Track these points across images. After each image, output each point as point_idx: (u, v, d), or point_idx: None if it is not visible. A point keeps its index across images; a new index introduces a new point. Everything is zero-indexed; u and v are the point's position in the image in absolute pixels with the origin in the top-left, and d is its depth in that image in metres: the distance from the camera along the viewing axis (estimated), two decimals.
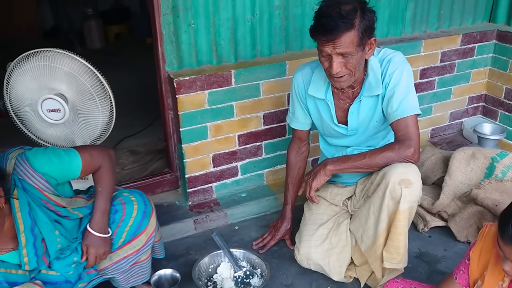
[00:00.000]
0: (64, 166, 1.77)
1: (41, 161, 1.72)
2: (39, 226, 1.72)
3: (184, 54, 2.47)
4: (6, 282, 1.67)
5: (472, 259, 1.59)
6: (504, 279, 1.50)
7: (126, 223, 1.93)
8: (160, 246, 2.24)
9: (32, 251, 1.71)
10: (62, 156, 1.78)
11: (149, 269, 2.13)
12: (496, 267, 1.50)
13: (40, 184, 1.72)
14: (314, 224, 2.24)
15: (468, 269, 1.60)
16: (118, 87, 2.41)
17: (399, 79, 1.96)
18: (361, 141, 2.17)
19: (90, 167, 1.85)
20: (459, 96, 3.37)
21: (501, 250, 1.37)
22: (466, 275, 1.61)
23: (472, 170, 2.64)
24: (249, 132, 2.69)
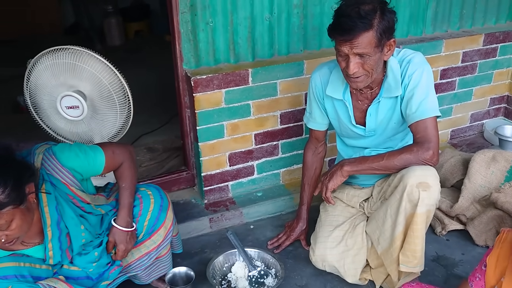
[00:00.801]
0: (89, 162, 1.80)
1: (68, 156, 1.75)
2: (65, 220, 1.75)
3: (202, 53, 2.47)
4: (31, 276, 1.70)
5: (489, 265, 1.56)
6: None
7: (144, 217, 1.95)
8: (178, 241, 2.26)
9: (57, 245, 1.74)
10: (88, 152, 1.81)
11: (170, 263, 2.16)
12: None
13: (67, 178, 1.76)
14: (330, 226, 2.22)
15: (485, 276, 1.57)
16: (137, 85, 2.43)
17: (418, 80, 1.93)
18: (379, 143, 2.14)
19: (113, 164, 1.88)
20: (481, 97, 3.31)
21: None
22: (482, 282, 1.58)
23: (492, 173, 2.59)
24: (265, 131, 2.68)
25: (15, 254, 1.71)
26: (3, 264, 1.66)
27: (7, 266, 1.66)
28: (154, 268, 2.11)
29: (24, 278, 1.67)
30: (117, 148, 1.91)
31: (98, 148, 1.85)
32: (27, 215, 1.60)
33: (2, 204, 1.49)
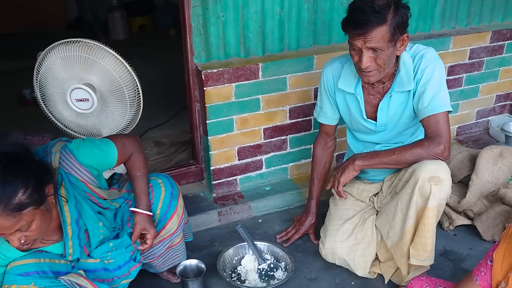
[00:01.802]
0: (104, 156, 1.83)
1: (84, 153, 1.77)
2: (84, 218, 1.76)
3: (212, 47, 2.48)
4: (51, 272, 1.72)
5: (496, 261, 1.57)
6: None
7: (156, 205, 1.97)
8: (188, 229, 2.28)
9: (77, 242, 1.75)
10: (101, 147, 1.83)
11: (183, 251, 2.18)
12: None
13: (85, 176, 1.77)
14: (340, 219, 2.24)
15: (491, 271, 1.58)
16: (142, 79, 2.44)
17: (431, 75, 1.94)
18: (390, 138, 2.16)
19: (124, 156, 1.90)
20: (487, 94, 3.33)
21: None
22: (488, 277, 1.59)
23: (499, 169, 2.61)
24: (274, 126, 2.69)
25: (36, 251, 1.72)
26: (24, 261, 1.68)
27: (29, 263, 1.68)
28: (169, 257, 2.13)
29: (45, 274, 1.69)
30: (126, 139, 1.93)
31: (109, 142, 1.86)
32: (46, 215, 1.60)
33: (24, 205, 1.50)
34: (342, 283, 2.23)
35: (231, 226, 2.61)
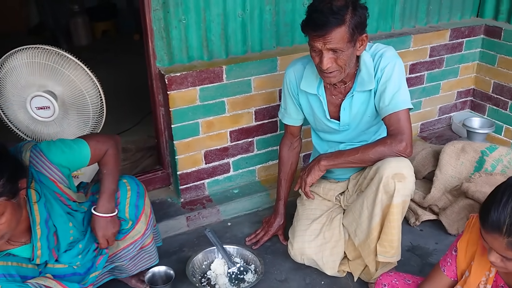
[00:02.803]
0: (75, 155, 1.82)
1: (55, 152, 1.76)
2: (53, 218, 1.74)
3: (175, 50, 2.46)
4: (19, 275, 1.68)
5: (460, 250, 1.60)
6: (491, 269, 1.52)
7: (123, 205, 1.95)
8: (157, 232, 2.26)
9: (46, 244, 1.72)
10: (72, 146, 1.82)
11: (155, 253, 2.15)
12: (482, 258, 1.52)
13: (55, 175, 1.76)
14: (308, 219, 2.25)
15: (456, 260, 1.61)
16: (106, 85, 2.41)
17: (391, 74, 1.97)
18: (354, 136, 2.18)
19: (98, 153, 1.89)
20: (448, 91, 3.40)
21: (484, 240, 1.38)
22: (453, 267, 1.63)
23: (462, 164, 2.67)
24: (240, 128, 2.68)
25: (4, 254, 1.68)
26: None
27: None
28: (140, 259, 2.10)
29: (12, 278, 1.65)
30: (101, 137, 1.94)
31: (81, 141, 1.86)
32: (17, 210, 1.58)
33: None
34: (312, 283, 2.24)
35: (200, 230, 2.59)
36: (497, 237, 1.31)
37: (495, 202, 1.32)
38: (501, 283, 1.51)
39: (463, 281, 1.59)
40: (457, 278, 1.63)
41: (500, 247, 1.33)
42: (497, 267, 1.42)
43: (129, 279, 2.20)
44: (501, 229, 1.30)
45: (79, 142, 1.85)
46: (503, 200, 1.31)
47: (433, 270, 1.71)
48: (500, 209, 1.30)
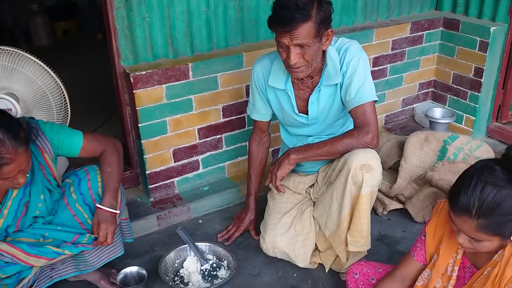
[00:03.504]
0: (66, 138, 1.90)
1: (50, 127, 1.88)
2: (31, 186, 1.78)
3: (140, 49, 2.43)
4: None
5: (428, 234, 1.66)
6: (458, 251, 1.58)
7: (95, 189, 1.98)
8: (128, 227, 2.24)
9: (15, 207, 1.75)
10: (66, 130, 1.93)
11: (119, 244, 2.13)
12: (450, 240, 1.58)
13: (44, 145, 1.82)
14: (278, 213, 2.27)
15: (425, 244, 1.67)
16: (70, 85, 2.37)
17: (356, 67, 2.01)
18: (322, 130, 2.21)
19: (93, 148, 1.97)
20: (410, 83, 3.48)
21: (453, 223, 1.44)
22: (423, 251, 1.68)
23: (426, 154, 2.74)
24: (208, 125, 2.68)
25: None
26: None
27: None
28: (104, 248, 2.07)
29: None
30: (101, 136, 2.03)
31: (78, 131, 1.95)
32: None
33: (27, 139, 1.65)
34: (284, 276, 2.26)
35: (171, 229, 2.58)
36: (467, 219, 1.36)
37: (464, 186, 1.37)
38: (468, 264, 1.57)
39: (431, 264, 1.64)
40: (427, 262, 1.68)
41: (469, 229, 1.38)
42: (465, 248, 1.47)
43: (99, 280, 2.17)
44: (470, 211, 1.35)
45: (75, 131, 1.95)
46: (472, 184, 1.35)
47: (404, 256, 1.76)
48: (469, 192, 1.35)
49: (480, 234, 1.37)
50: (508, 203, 1.32)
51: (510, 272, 1.39)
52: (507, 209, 1.32)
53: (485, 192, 1.33)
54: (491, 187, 1.33)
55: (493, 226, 1.34)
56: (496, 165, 1.36)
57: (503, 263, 1.41)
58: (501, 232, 1.36)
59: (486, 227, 1.34)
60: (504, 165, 1.35)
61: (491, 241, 1.39)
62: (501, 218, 1.33)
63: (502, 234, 1.36)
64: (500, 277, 1.41)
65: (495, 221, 1.33)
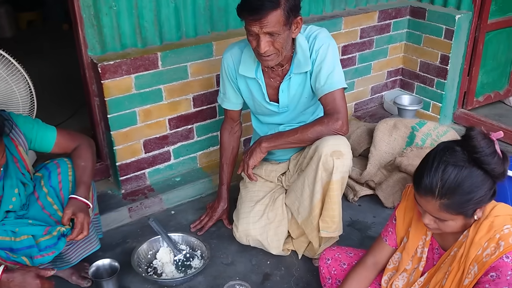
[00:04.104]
0: (39, 133, 1.90)
1: (24, 120, 1.87)
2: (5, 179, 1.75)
3: (107, 38, 2.39)
4: None
5: (398, 217, 1.69)
6: (427, 233, 1.62)
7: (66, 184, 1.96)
8: (98, 221, 2.22)
9: None
10: (40, 125, 1.92)
11: (95, 239, 2.10)
12: (419, 223, 1.62)
13: (18, 137, 1.80)
14: (251, 201, 2.28)
15: (395, 228, 1.70)
16: (36, 77, 2.31)
17: (325, 55, 2.02)
18: (292, 118, 2.22)
19: (67, 144, 1.98)
20: (379, 71, 3.53)
21: (418, 204, 1.48)
22: (394, 235, 1.71)
23: (395, 140, 2.79)
24: (179, 115, 2.66)
25: None
26: None
27: None
28: (80, 244, 2.04)
29: None
30: (75, 132, 2.05)
31: (52, 127, 1.96)
32: None
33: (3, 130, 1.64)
34: (258, 264, 2.28)
35: (143, 221, 2.56)
36: (430, 199, 1.40)
37: (427, 167, 1.41)
38: (436, 246, 1.61)
39: (402, 247, 1.67)
40: (397, 246, 1.71)
41: (433, 209, 1.42)
42: (431, 229, 1.51)
43: (70, 275, 2.14)
44: (433, 191, 1.39)
45: (49, 126, 1.95)
46: (434, 165, 1.39)
47: (375, 241, 1.79)
48: (432, 173, 1.39)
49: (443, 213, 1.41)
50: (468, 182, 1.36)
51: (474, 251, 1.43)
52: (467, 188, 1.36)
53: (447, 172, 1.37)
54: (453, 168, 1.37)
55: (456, 205, 1.38)
56: (457, 146, 1.40)
57: (467, 243, 1.46)
58: (463, 211, 1.40)
59: (449, 206, 1.39)
60: (465, 146, 1.39)
61: (454, 221, 1.43)
62: (462, 197, 1.37)
63: (465, 213, 1.41)
64: (465, 257, 1.45)
65: (457, 200, 1.38)
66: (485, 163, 1.35)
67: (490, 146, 1.36)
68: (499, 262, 1.37)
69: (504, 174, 1.39)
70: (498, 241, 1.39)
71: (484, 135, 1.37)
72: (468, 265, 1.44)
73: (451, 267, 1.50)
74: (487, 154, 1.35)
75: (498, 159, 1.37)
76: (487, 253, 1.40)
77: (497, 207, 1.47)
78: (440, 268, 1.55)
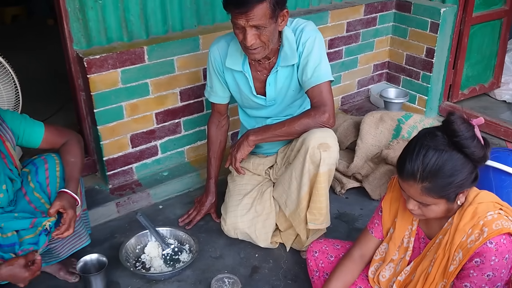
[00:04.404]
0: (27, 129, 1.89)
1: (11, 116, 1.87)
2: None
3: (93, 32, 2.38)
4: None
5: (384, 209, 1.71)
6: (413, 223, 1.64)
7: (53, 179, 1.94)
8: (86, 217, 2.20)
9: None
10: (28, 120, 1.91)
11: (85, 234, 2.10)
12: (404, 213, 1.64)
13: (6, 133, 1.80)
14: (239, 195, 2.29)
15: (381, 220, 1.72)
16: (21, 73, 2.29)
17: (311, 48, 2.03)
18: (280, 111, 2.23)
19: (54, 139, 1.96)
20: (365, 64, 3.55)
21: (402, 190, 1.50)
22: (380, 227, 1.73)
23: (381, 133, 2.81)
24: (166, 110, 2.65)
25: None
26: None
27: None
28: (69, 239, 2.03)
29: None
30: (63, 128, 2.03)
31: (40, 122, 1.94)
32: None
33: None
34: (246, 257, 2.29)
35: (131, 216, 2.55)
36: (413, 184, 1.43)
37: (409, 153, 1.44)
38: (422, 235, 1.63)
39: (388, 237, 1.69)
40: (384, 237, 1.73)
41: (415, 193, 1.44)
42: (416, 215, 1.53)
43: (57, 271, 2.13)
44: (415, 175, 1.41)
45: (36, 121, 1.93)
46: (416, 150, 1.42)
47: (362, 233, 1.80)
48: (414, 157, 1.42)
49: (426, 197, 1.43)
50: (449, 165, 1.39)
51: (458, 238, 1.46)
52: (448, 172, 1.39)
53: (428, 156, 1.40)
54: (433, 151, 1.40)
55: (437, 188, 1.41)
56: (438, 131, 1.43)
57: (452, 230, 1.48)
58: (445, 195, 1.43)
59: (431, 190, 1.41)
60: (445, 130, 1.41)
61: (437, 205, 1.45)
62: (443, 180, 1.40)
63: (447, 197, 1.43)
64: (450, 243, 1.48)
65: (439, 183, 1.40)
66: (464, 146, 1.38)
67: (469, 130, 1.39)
68: (483, 248, 1.40)
69: (484, 158, 1.42)
70: (482, 227, 1.42)
71: (463, 120, 1.40)
72: (453, 252, 1.47)
73: (436, 255, 1.52)
74: (467, 138, 1.37)
75: (478, 142, 1.39)
76: (471, 239, 1.43)
77: (480, 194, 1.50)
78: (426, 256, 1.58)
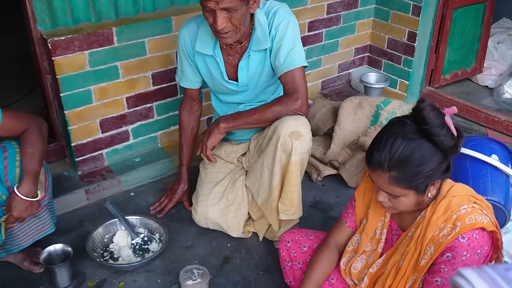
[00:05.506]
0: None
1: None
2: None
3: (58, 12, 2.26)
4: None
5: (357, 199, 1.67)
6: (386, 214, 1.60)
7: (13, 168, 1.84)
8: (52, 205, 2.13)
9: None
10: None
11: (49, 221, 2.03)
12: (378, 204, 1.59)
13: None
14: (210, 183, 2.22)
15: (355, 210, 1.67)
16: None
17: (284, 32, 1.95)
18: (252, 97, 2.15)
19: (13, 126, 1.84)
20: (346, 48, 3.47)
21: (372, 180, 1.45)
22: (354, 217, 1.69)
23: (359, 119, 2.75)
24: (138, 94, 2.56)
25: None
26: None
27: None
28: (31, 226, 1.95)
29: None
30: (24, 114, 1.90)
31: None
32: None
33: None
34: (218, 246, 2.23)
35: (101, 203, 2.47)
36: (380, 173, 1.38)
37: (377, 142, 1.40)
38: (395, 227, 1.59)
39: (361, 228, 1.65)
40: (357, 228, 1.69)
41: (383, 183, 1.40)
42: (386, 207, 1.48)
43: (21, 261, 2.06)
44: (382, 164, 1.37)
45: None
46: (384, 139, 1.38)
47: (336, 223, 1.76)
48: (382, 146, 1.37)
49: (394, 187, 1.39)
50: (417, 154, 1.34)
51: (431, 232, 1.42)
52: (416, 160, 1.34)
53: (395, 144, 1.35)
54: (401, 140, 1.35)
55: (405, 178, 1.36)
56: (408, 119, 1.39)
57: (424, 223, 1.44)
58: (413, 185, 1.38)
59: (399, 179, 1.37)
60: (414, 118, 1.37)
61: (406, 196, 1.41)
62: (411, 170, 1.35)
63: (416, 188, 1.39)
64: (422, 237, 1.44)
65: (407, 172, 1.36)
66: (433, 134, 1.33)
67: (438, 118, 1.34)
68: (455, 242, 1.36)
69: (455, 148, 1.38)
70: (454, 221, 1.38)
71: (433, 107, 1.35)
72: (424, 246, 1.43)
73: (408, 248, 1.48)
74: (436, 126, 1.33)
75: (447, 131, 1.35)
76: (444, 233, 1.39)
77: (454, 187, 1.45)
78: (398, 249, 1.54)
